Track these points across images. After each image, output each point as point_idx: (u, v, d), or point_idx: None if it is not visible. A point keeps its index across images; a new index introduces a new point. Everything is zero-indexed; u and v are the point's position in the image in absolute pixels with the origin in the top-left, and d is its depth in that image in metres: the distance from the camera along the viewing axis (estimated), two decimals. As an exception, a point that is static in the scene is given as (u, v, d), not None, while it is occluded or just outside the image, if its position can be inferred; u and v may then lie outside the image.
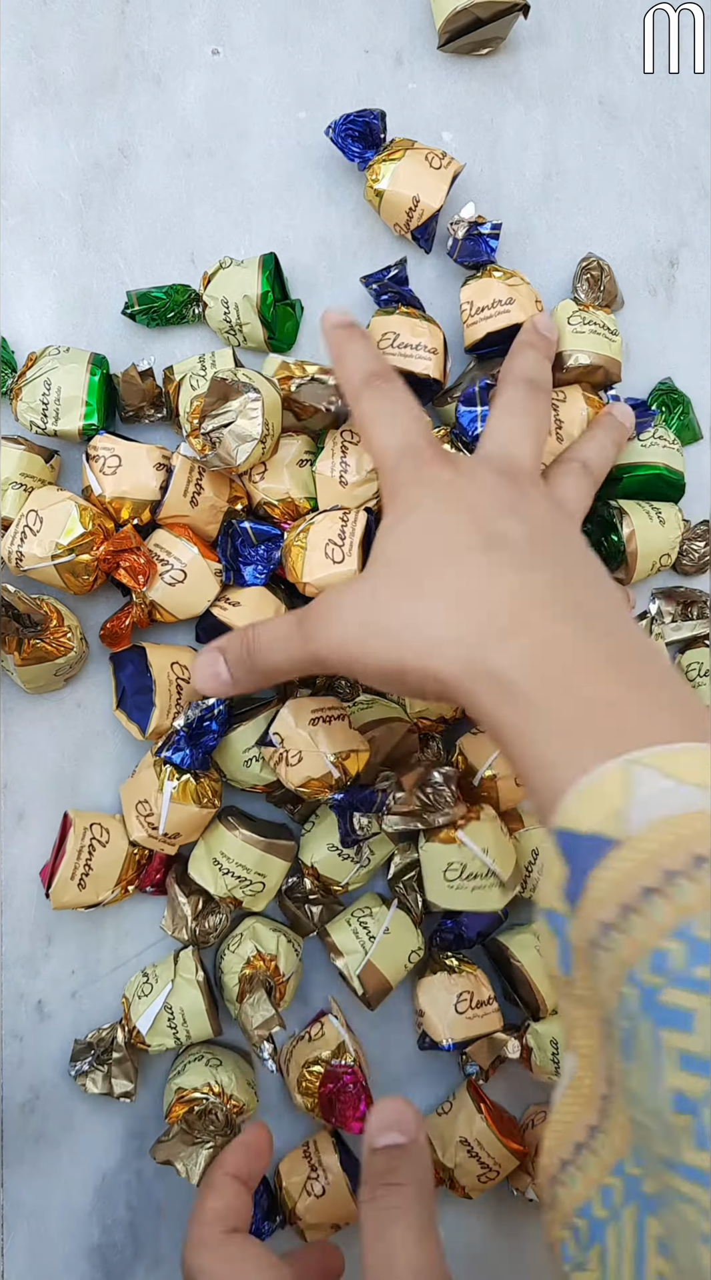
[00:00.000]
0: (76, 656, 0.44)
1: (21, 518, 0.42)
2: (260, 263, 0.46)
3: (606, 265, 0.49)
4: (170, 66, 0.48)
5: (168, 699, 0.43)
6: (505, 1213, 0.49)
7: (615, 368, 0.48)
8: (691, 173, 0.52)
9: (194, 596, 0.44)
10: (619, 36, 0.51)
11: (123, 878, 0.44)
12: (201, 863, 0.45)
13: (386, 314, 0.47)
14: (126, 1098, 0.44)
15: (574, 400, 0.47)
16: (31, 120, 0.48)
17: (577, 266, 0.49)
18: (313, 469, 0.45)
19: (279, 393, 0.43)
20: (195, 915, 0.44)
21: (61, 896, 0.43)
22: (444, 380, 0.47)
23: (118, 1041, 0.44)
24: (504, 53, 0.50)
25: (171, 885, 0.45)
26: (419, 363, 0.46)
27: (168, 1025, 0.44)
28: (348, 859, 0.45)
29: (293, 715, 0.43)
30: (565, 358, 0.47)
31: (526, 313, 0.46)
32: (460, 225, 0.47)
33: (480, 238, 0.47)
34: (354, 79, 0.49)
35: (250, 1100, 0.44)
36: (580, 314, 0.48)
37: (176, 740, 0.42)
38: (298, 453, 0.45)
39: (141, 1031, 0.43)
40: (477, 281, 0.47)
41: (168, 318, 0.47)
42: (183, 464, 0.44)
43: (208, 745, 0.43)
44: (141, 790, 0.43)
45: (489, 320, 0.46)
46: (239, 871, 0.43)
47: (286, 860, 0.45)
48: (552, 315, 0.48)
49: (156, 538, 0.44)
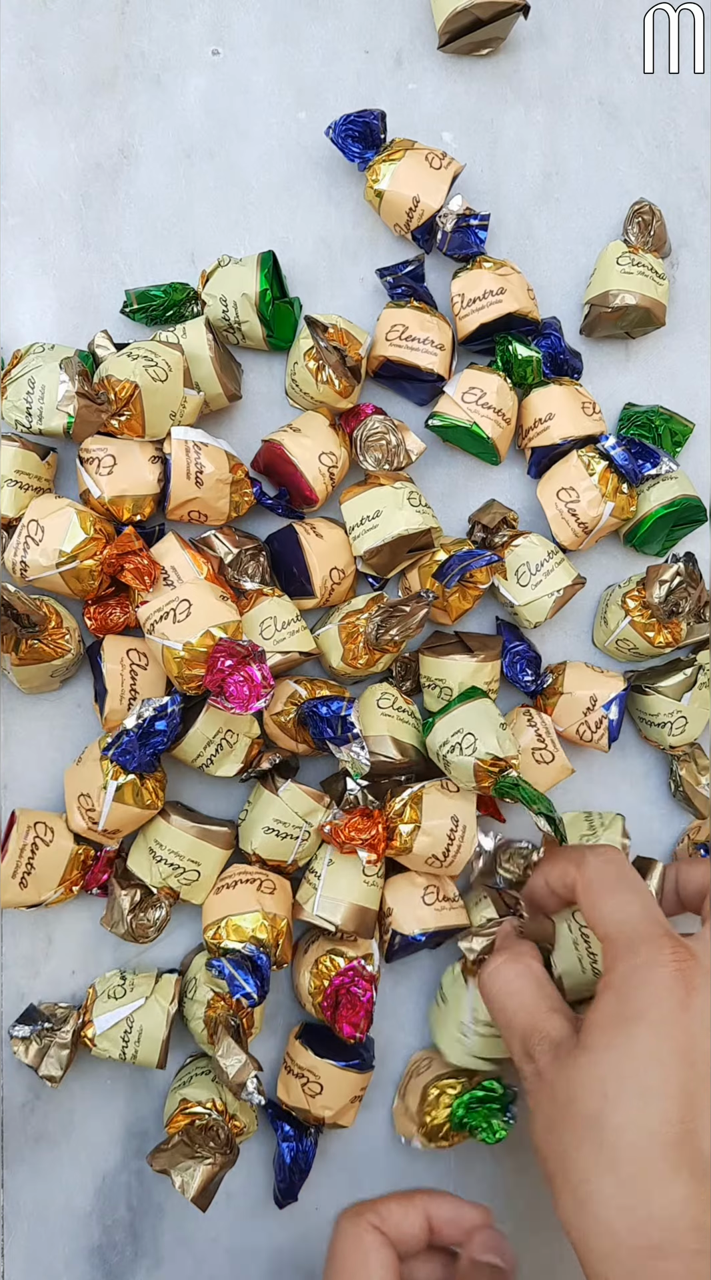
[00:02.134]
0: (73, 658, 0.44)
1: (23, 528, 0.42)
2: (259, 260, 0.46)
3: (657, 210, 0.49)
4: (170, 67, 0.48)
5: (121, 685, 0.43)
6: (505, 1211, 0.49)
7: (660, 310, 0.48)
8: (691, 173, 0.52)
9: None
10: (618, 36, 0.51)
11: (66, 877, 0.44)
12: (139, 852, 0.44)
13: (398, 307, 0.47)
14: (50, 1082, 0.43)
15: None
16: (31, 120, 0.48)
17: (629, 210, 0.49)
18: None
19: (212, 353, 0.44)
20: (132, 908, 0.44)
21: (2, 895, 0.42)
22: (448, 377, 0.47)
23: (68, 1026, 0.44)
24: (504, 53, 0.50)
25: (112, 880, 0.45)
26: (424, 357, 0.46)
27: (121, 1037, 0.43)
28: (287, 837, 0.44)
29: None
30: (611, 297, 0.47)
31: (518, 302, 0.46)
32: (448, 218, 0.46)
33: (469, 229, 0.47)
34: (354, 79, 0.49)
35: (251, 1123, 0.44)
36: (629, 255, 0.48)
37: (125, 741, 0.41)
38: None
39: (97, 1030, 0.43)
40: (468, 273, 0.47)
41: (167, 316, 0.47)
42: (178, 446, 0.43)
43: (157, 747, 0.41)
44: (85, 782, 0.43)
45: (480, 312, 0.46)
46: (172, 859, 0.43)
47: (223, 848, 0.44)
48: (601, 255, 0.49)
49: (170, 557, 0.44)
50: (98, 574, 0.42)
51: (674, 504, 0.47)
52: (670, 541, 0.50)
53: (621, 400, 0.51)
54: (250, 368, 0.48)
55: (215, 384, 0.45)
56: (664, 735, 0.48)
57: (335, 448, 0.45)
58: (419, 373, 0.46)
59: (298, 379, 0.46)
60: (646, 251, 0.49)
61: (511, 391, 0.47)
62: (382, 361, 0.46)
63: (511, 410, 0.47)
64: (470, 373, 0.47)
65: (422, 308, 0.47)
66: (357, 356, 0.44)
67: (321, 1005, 0.44)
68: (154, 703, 0.41)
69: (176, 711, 0.42)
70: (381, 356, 0.46)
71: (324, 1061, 0.44)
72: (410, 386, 0.48)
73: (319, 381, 0.44)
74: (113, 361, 0.42)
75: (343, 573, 0.46)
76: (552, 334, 0.48)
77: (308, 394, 0.46)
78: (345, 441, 0.46)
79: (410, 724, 0.46)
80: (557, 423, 0.47)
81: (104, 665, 0.43)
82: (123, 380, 0.41)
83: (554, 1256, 0.46)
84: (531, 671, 0.48)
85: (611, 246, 0.49)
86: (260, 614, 0.44)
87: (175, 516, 0.45)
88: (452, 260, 0.48)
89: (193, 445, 0.43)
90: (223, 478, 0.44)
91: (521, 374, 0.47)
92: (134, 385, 0.41)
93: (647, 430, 0.49)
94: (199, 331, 0.45)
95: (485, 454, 0.48)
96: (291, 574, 0.45)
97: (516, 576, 0.47)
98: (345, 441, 0.46)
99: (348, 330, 0.44)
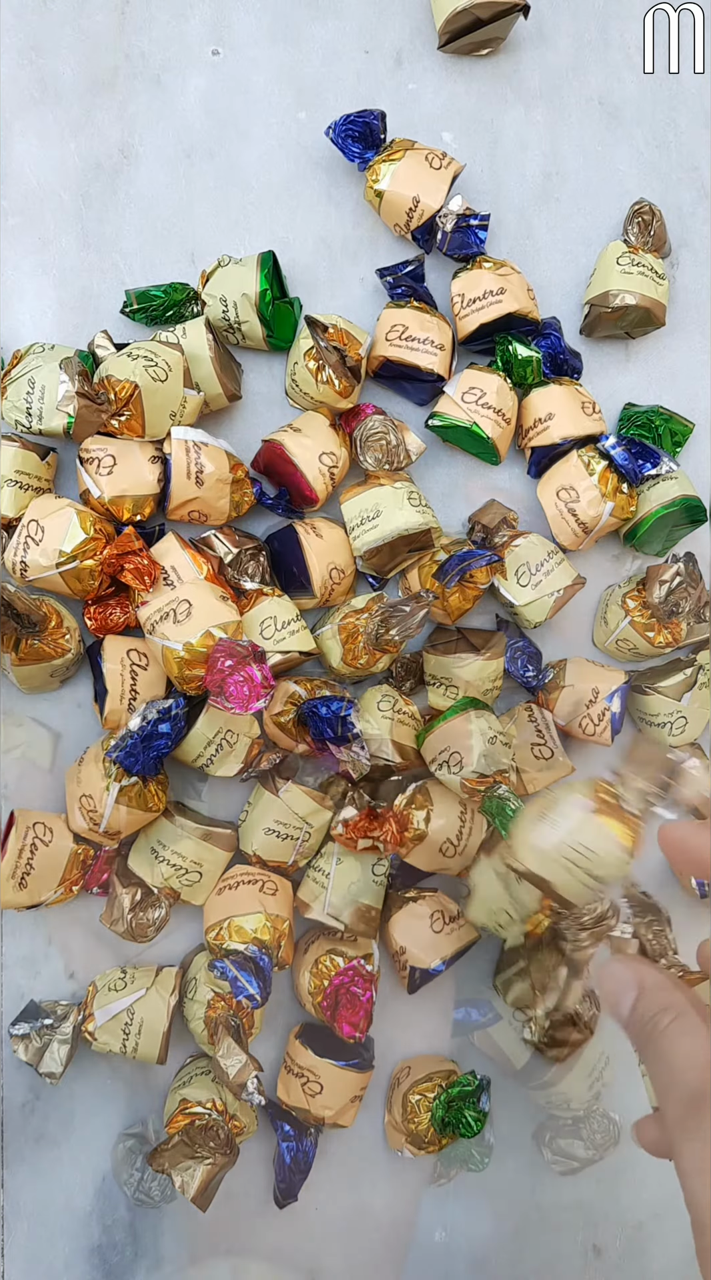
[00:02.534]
0: (74, 658, 0.44)
1: (23, 528, 0.42)
2: (259, 260, 0.46)
3: (657, 210, 0.49)
4: (170, 67, 0.48)
5: (121, 685, 0.43)
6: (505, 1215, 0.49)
7: (660, 310, 0.48)
8: (691, 173, 0.52)
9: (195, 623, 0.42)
10: (618, 36, 0.51)
11: (66, 877, 0.44)
12: (141, 853, 0.44)
13: (398, 307, 0.47)
14: (50, 1079, 0.43)
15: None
16: (31, 120, 0.48)
17: (629, 210, 0.49)
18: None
19: (212, 353, 0.44)
20: (132, 907, 0.44)
21: (1, 896, 0.42)
22: (447, 377, 0.47)
23: (68, 1023, 0.44)
24: (504, 53, 0.50)
25: (112, 878, 0.45)
26: (424, 357, 0.46)
27: (122, 1029, 0.43)
28: (288, 839, 0.44)
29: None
30: (611, 297, 0.47)
31: (518, 302, 0.46)
32: (448, 218, 0.47)
33: (469, 229, 0.47)
34: (354, 79, 0.49)
35: (251, 1123, 0.44)
36: (629, 255, 0.48)
37: (128, 744, 0.41)
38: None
39: (98, 1022, 0.43)
40: (468, 274, 0.47)
41: (167, 316, 0.47)
42: (178, 446, 0.43)
43: (160, 750, 0.41)
44: (87, 784, 0.43)
45: (480, 312, 0.46)
46: (176, 860, 0.43)
47: (225, 850, 0.44)
48: (601, 255, 0.49)
49: (170, 557, 0.44)
50: (98, 574, 0.42)
51: (674, 504, 0.47)
52: (670, 542, 0.50)
53: (621, 400, 0.51)
54: (250, 368, 0.48)
55: (215, 384, 0.45)
56: (664, 735, 0.48)
57: (335, 448, 0.45)
58: (419, 373, 0.46)
59: (298, 379, 0.46)
60: (646, 251, 0.49)
61: (511, 391, 0.47)
62: (382, 361, 0.46)
63: (511, 410, 0.47)
64: (470, 373, 0.47)
65: (423, 308, 0.47)
66: (357, 356, 0.44)
67: (321, 1005, 0.44)
68: (157, 704, 0.41)
69: (180, 715, 0.42)
70: (381, 356, 0.46)
71: (324, 1061, 0.44)
72: (410, 386, 0.48)
73: (319, 382, 0.44)
74: (113, 361, 0.42)
75: (342, 572, 0.46)
76: (553, 334, 0.48)
77: (308, 394, 0.46)
78: (345, 441, 0.46)
79: (409, 725, 0.46)
80: (557, 422, 0.47)
81: (104, 665, 0.43)
82: (123, 380, 0.41)
83: (554, 1256, 0.46)
84: (533, 667, 0.48)
85: (611, 246, 0.49)
86: (260, 614, 0.44)
87: (176, 516, 0.45)
88: (453, 260, 0.48)
89: (193, 445, 0.43)
90: (223, 477, 0.44)
91: (521, 374, 0.47)
92: (134, 385, 0.41)
93: (647, 430, 0.49)
94: (199, 332, 0.44)
95: (485, 454, 0.48)
96: (291, 573, 0.45)
97: (516, 576, 0.47)
98: (345, 441, 0.46)
99: (347, 330, 0.44)
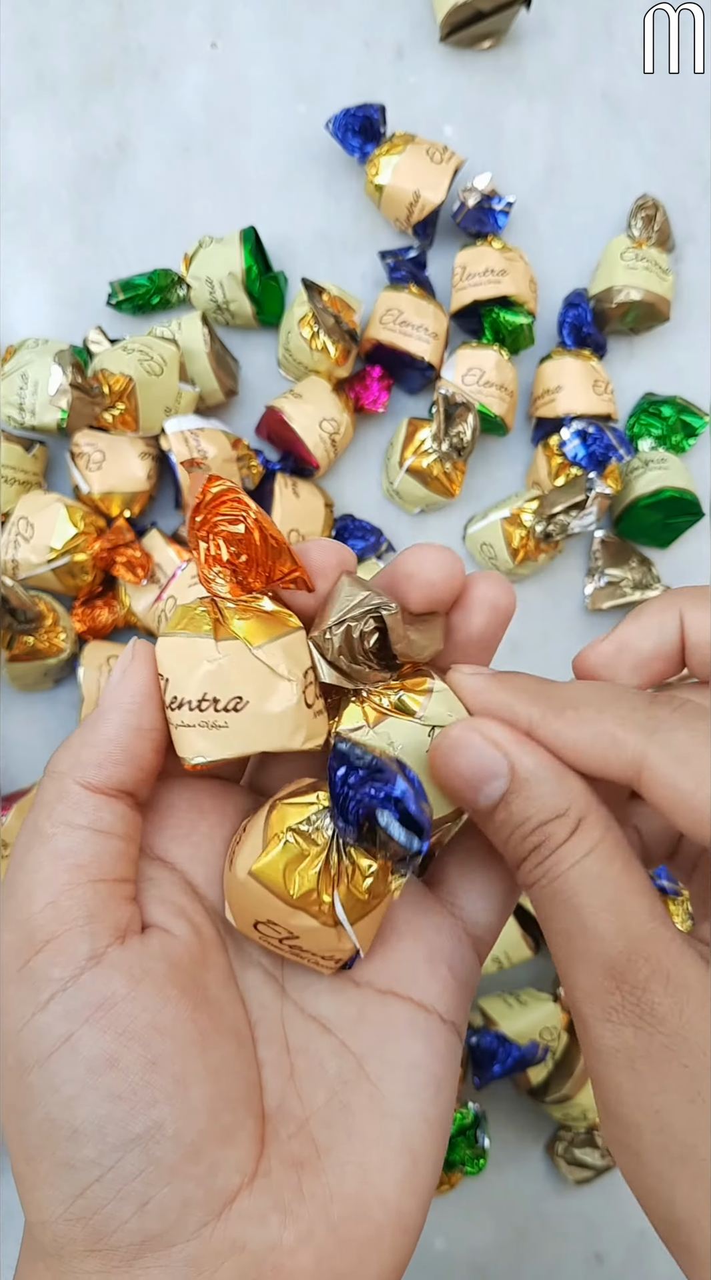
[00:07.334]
0: (68, 658, 0.44)
1: (12, 525, 0.41)
2: (241, 237, 0.45)
3: (661, 205, 0.48)
4: (168, 60, 0.48)
5: (97, 691, 0.42)
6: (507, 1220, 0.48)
7: (664, 305, 0.48)
8: (696, 168, 0.51)
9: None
10: (622, 30, 0.51)
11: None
12: None
13: (395, 290, 0.46)
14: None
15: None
16: (28, 114, 0.47)
17: (633, 204, 0.49)
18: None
19: (208, 347, 0.44)
20: None
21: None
22: (438, 366, 0.46)
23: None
24: (506, 46, 0.50)
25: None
26: (417, 344, 0.45)
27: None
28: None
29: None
30: (615, 293, 0.47)
31: (517, 287, 0.46)
32: (472, 193, 0.46)
33: (489, 210, 0.46)
34: (354, 72, 0.49)
35: None
36: (633, 250, 0.48)
37: None
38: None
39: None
40: (473, 248, 0.47)
41: (152, 303, 0.46)
42: (176, 439, 0.43)
43: None
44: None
45: (477, 287, 0.46)
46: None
47: None
48: (605, 250, 0.48)
49: (154, 554, 0.43)
50: (90, 567, 0.41)
51: (659, 494, 0.46)
52: (667, 534, 0.49)
53: (626, 395, 0.50)
54: (243, 357, 0.48)
55: (211, 379, 0.44)
56: None
57: (336, 413, 0.45)
58: (409, 359, 0.46)
59: (291, 348, 0.45)
60: (650, 246, 0.48)
61: (508, 362, 0.46)
62: (375, 344, 0.46)
63: (512, 382, 0.46)
64: (464, 352, 0.46)
65: (420, 293, 0.46)
66: (353, 323, 0.44)
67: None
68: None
69: None
70: (374, 339, 0.46)
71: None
72: (405, 373, 0.47)
73: (313, 349, 0.44)
74: (107, 355, 0.41)
75: (302, 537, 0.45)
76: (581, 305, 0.48)
77: (301, 363, 0.45)
78: (348, 406, 0.46)
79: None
80: (564, 395, 0.46)
81: (81, 670, 0.42)
82: (117, 373, 0.40)
83: (555, 1264, 0.45)
84: None
85: (615, 241, 0.48)
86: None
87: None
88: (465, 234, 0.48)
89: (190, 434, 0.43)
90: (227, 457, 0.43)
91: (513, 342, 0.46)
92: (129, 379, 0.40)
93: (657, 419, 0.48)
94: (194, 326, 0.44)
95: (494, 429, 0.47)
96: None
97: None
98: (348, 406, 0.46)
99: (342, 298, 0.44)
